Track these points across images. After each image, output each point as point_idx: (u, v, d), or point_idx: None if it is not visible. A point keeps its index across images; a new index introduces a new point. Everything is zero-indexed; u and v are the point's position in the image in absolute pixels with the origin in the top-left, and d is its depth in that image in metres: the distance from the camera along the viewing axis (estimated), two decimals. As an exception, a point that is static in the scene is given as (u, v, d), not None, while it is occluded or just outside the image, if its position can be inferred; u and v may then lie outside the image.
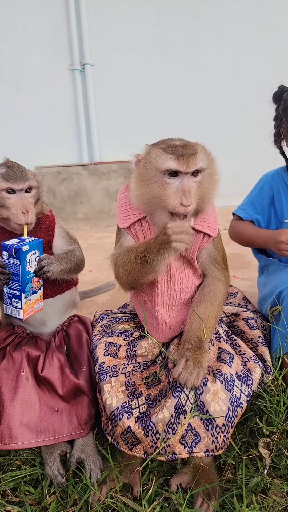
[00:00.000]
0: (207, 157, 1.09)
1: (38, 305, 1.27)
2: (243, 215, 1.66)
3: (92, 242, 3.39)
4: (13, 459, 1.25)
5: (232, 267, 2.51)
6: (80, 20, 4.08)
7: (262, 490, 1.10)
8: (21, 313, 1.20)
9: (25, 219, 1.23)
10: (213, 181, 1.10)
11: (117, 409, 1.11)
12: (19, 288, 1.18)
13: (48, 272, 1.22)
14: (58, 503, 1.13)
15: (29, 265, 1.19)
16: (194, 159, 1.02)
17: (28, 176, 1.27)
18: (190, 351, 1.11)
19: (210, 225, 1.16)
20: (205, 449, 1.06)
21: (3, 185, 1.22)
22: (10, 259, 1.16)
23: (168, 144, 1.06)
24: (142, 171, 1.08)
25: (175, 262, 1.17)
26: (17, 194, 1.24)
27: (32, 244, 1.19)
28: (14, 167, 1.27)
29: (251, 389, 1.13)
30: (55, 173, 4.05)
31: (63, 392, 1.24)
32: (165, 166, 1.03)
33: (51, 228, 1.39)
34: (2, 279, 1.17)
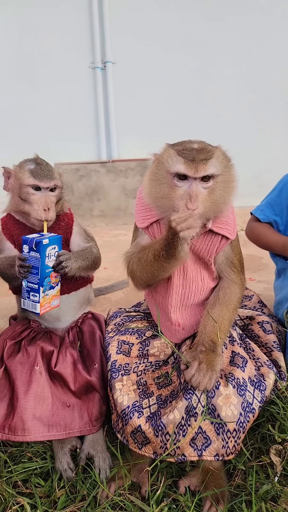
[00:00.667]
0: (223, 164, 1.07)
1: (55, 302, 1.28)
2: (261, 217, 1.63)
3: (107, 239, 3.40)
4: (25, 451, 1.27)
5: (249, 269, 2.48)
6: (103, 19, 4.10)
7: (272, 497, 1.08)
8: (38, 307, 1.22)
9: (46, 216, 1.26)
10: (228, 188, 1.08)
11: (128, 407, 1.11)
12: (37, 281, 1.20)
13: (66, 267, 1.24)
14: (67, 497, 1.15)
15: (48, 259, 1.21)
16: (204, 165, 1.01)
17: (54, 175, 1.29)
18: (203, 354, 1.10)
19: (228, 227, 1.15)
20: (215, 453, 1.05)
21: (30, 181, 1.25)
22: (30, 252, 1.19)
23: (185, 146, 1.05)
24: (155, 171, 1.08)
25: (191, 264, 1.17)
26: (41, 192, 1.27)
27: (52, 239, 1.21)
28: (42, 164, 1.30)
29: (264, 395, 1.12)
30: (73, 170, 4.08)
31: (75, 387, 1.26)
32: (175, 169, 1.03)
33: (69, 225, 1.40)
34: (22, 271, 1.19)
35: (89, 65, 4.25)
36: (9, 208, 1.38)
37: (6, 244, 1.37)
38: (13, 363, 1.24)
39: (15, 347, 1.31)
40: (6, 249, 1.37)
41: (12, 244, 1.37)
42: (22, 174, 1.27)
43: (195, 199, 1.00)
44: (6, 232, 1.37)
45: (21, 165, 1.31)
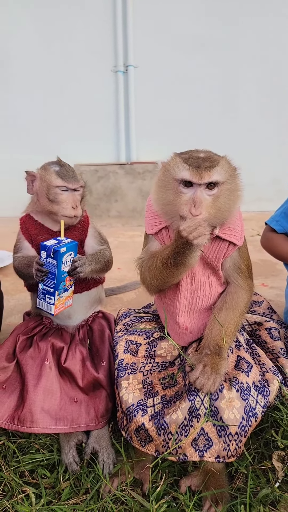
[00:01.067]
0: (228, 172, 1.09)
1: (68, 302, 1.33)
2: (277, 228, 1.60)
3: (123, 240, 3.44)
4: (33, 443, 1.31)
5: (262, 275, 2.47)
6: (126, 24, 4.17)
7: (271, 502, 1.09)
8: (53, 308, 1.27)
9: (75, 212, 1.34)
10: (233, 197, 1.10)
11: (132, 405, 1.14)
12: (53, 286, 1.25)
13: (80, 272, 1.29)
14: (71, 489, 1.18)
15: (64, 265, 1.26)
16: (208, 172, 1.04)
17: (78, 177, 1.37)
18: (208, 357, 1.12)
19: (236, 234, 1.16)
20: (216, 455, 1.07)
21: (59, 182, 1.33)
22: (47, 259, 1.23)
23: (191, 155, 1.08)
24: (162, 178, 1.12)
25: (199, 269, 1.19)
26: (68, 191, 1.34)
27: (69, 246, 1.26)
28: (66, 166, 1.37)
29: (268, 400, 1.13)
30: (92, 171, 4.15)
31: (83, 384, 1.30)
32: (180, 176, 1.06)
33: (85, 227, 1.45)
34: (39, 275, 1.24)
35: (111, 68, 4.32)
36: (29, 209, 1.44)
37: (24, 243, 1.43)
38: (24, 357, 1.29)
39: (27, 342, 1.36)
40: (24, 248, 1.43)
41: (29, 244, 1.42)
42: (49, 176, 1.34)
43: (199, 205, 1.03)
44: (25, 232, 1.42)
45: (45, 168, 1.37)
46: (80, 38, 4.26)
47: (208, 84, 4.37)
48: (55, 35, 4.27)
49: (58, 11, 4.21)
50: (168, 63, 4.30)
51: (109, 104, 4.38)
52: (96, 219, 4.17)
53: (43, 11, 4.23)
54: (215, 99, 4.41)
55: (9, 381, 1.27)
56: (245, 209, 4.57)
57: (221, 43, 4.28)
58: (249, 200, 4.84)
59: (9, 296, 2.15)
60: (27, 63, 4.35)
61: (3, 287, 1.78)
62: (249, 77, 4.38)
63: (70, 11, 4.20)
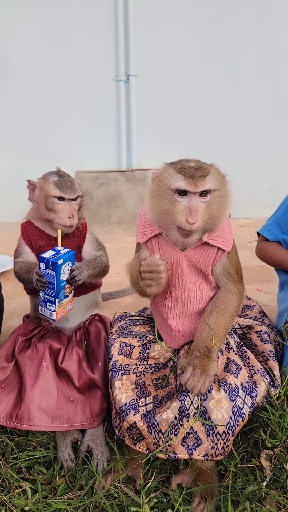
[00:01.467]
0: (219, 180, 1.14)
1: (69, 306, 1.39)
2: (270, 236, 1.65)
3: (123, 246, 3.50)
4: (30, 440, 1.36)
5: (258, 280, 2.52)
6: (127, 35, 4.27)
7: (258, 499, 1.13)
8: (54, 315, 1.33)
9: (71, 222, 1.38)
10: (223, 203, 1.15)
11: (125, 405, 1.19)
12: (53, 294, 1.31)
13: (79, 280, 1.35)
14: (66, 486, 1.23)
15: (63, 275, 1.31)
16: (202, 180, 1.09)
17: (76, 187, 1.42)
18: (198, 359, 1.16)
19: (224, 240, 1.21)
20: (205, 453, 1.11)
21: (56, 192, 1.38)
22: (46, 270, 1.29)
23: (183, 165, 1.13)
24: (156, 188, 1.16)
25: (189, 275, 1.24)
26: (65, 201, 1.39)
27: (66, 256, 1.31)
28: (65, 176, 1.42)
29: (255, 401, 1.17)
30: (93, 178, 4.23)
31: (79, 384, 1.34)
32: (176, 185, 1.11)
33: (83, 234, 1.51)
34: (40, 285, 1.30)
35: (113, 78, 4.42)
36: (30, 215, 1.50)
37: (24, 248, 1.48)
38: (23, 358, 1.35)
39: (26, 343, 1.41)
40: (24, 253, 1.48)
41: (29, 249, 1.48)
42: (47, 186, 1.39)
43: (195, 213, 1.09)
44: (25, 237, 1.48)
45: (45, 178, 1.42)
46: (82, 48, 4.36)
47: (208, 93, 4.46)
48: (58, 45, 4.37)
49: (61, 21, 4.32)
50: (169, 72, 4.39)
51: (111, 112, 4.47)
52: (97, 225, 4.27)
53: (46, 21, 4.34)
54: (216, 107, 4.49)
55: (8, 381, 1.32)
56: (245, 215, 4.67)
57: (222, 52, 4.37)
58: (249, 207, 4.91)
59: (10, 299, 2.21)
60: (30, 72, 4.45)
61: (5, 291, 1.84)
62: (250, 86, 4.46)
63: (73, 21, 4.31)
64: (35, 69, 4.44)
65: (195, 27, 4.31)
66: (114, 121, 4.48)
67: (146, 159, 4.51)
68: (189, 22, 4.30)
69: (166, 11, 4.28)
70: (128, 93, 4.38)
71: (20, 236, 1.50)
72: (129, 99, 4.39)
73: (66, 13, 4.30)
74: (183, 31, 4.31)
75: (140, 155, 4.51)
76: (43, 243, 1.45)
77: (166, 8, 4.27)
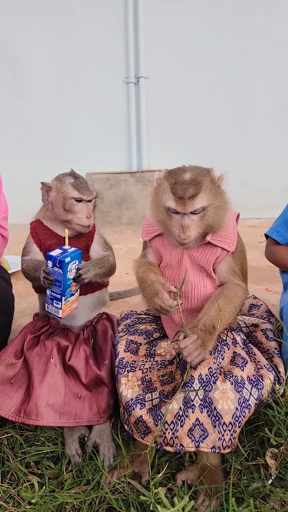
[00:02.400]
0: (212, 193, 1.14)
1: (75, 305, 1.42)
2: (279, 239, 1.61)
3: (133, 246, 3.52)
4: (39, 436, 1.39)
5: (267, 280, 2.50)
6: (137, 37, 4.31)
7: (262, 497, 1.13)
8: (61, 312, 1.36)
9: (89, 222, 1.42)
10: (219, 212, 1.16)
11: (131, 400, 1.20)
12: (60, 292, 1.33)
13: (85, 279, 1.37)
14: (73, 480, 1.25)
15: (70, 273, 1.34)
16: (192, 202, 1.11)
17: (91, 189, 1.45)
18: (202, 332, 1.15)
19: (228, 240, 1.22)
20: (212, 445, 1.11)
21: (75, 194, 1.41)
22: (53, 268, 1.32)
23: (177, 179, 1.14)
24: (154, 198, 1.20)
25: (193, 272, 1.25)
26: (83, 202, 1.42)
27: (73, 255, 1.34)
28: (80, 178, 1.45)
29: (261, 393, 1.17)
30: (104, 179, 4.27)
31: (86, 381, 1.37)
32: (167, 204, 1.15)
33: (92, 234, 1.53)
34: (47, 283, 1.33)
35: (123, 80, 4.46)
36: (40, 215, 1.53)
37: (33, 247, 1.52)
38: (31, 355, 1.38)
39: (34, 340, 1.44)
40: (32, 252, 1.52)
41: (38, 247, 1.51)
42: (65, 187, 1.41)
43: (185, 230, 1.12)
44: (34, 236, 1.51)
45: (60, 180, 1.44)
46: (93, 51, 4.42)
47: (218, 94, 4.45)
48: (69, 49, 4.44)
49: (71, 25, 4.38)
50: (178, 74, 4.41)
51: (121, 114, 4.51)
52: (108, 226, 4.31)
53: (58, 25, 4.41)
54: (226, 108, 4.48)
55: (17, 377, 1.35)
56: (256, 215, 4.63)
57: (232, 53, 4.36)
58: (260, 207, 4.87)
59: (21, 299, 2.25)
60: (43, 77, 4.54)
61: (16, 290, 1.88)
62: (260, 87, 4.43)
63: (83, 25, 4.37)
64: (47, 74, 4.52)
65: (204, 28, 4.31)
66: (124, 122, 4.52)
67: (156, 160, 4.53)
68: (199, 23, 4.31)
69: (176, 13, 4.30)
70: (138, 95, 4.42)
71: (29, 234, 1.53)
72: (139, 101, 4.42)
73: (76, 18, 4.37)
74: (192, 32, 4.33)
75: (150, 156, 4.54)
76: (52, 243, 1.48)
77: (175, 10, 4.29)
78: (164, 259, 1.31)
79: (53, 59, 4.48)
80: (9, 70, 4.56)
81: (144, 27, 4.29)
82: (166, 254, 1.29)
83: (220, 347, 1.25)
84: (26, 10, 4.40)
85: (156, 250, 1.32)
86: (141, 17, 4.26)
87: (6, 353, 1.39)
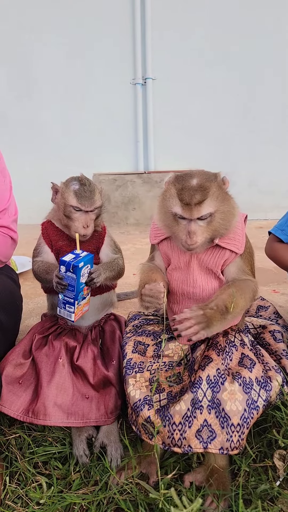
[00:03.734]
0: (219, 199, 1.13)
1: (86, 307, 1.43)
2: (283, 237, 1.60)
3: (140, 247, 3.52)
4: (47, 436, 1.39)
5: (274, 281, 2.49)
6: (145, 39, 4.32)
7: (270, 499, 1.12)
8: (73, 316, 1.37)
9: (85, 231, 1.40)
10: (227, 218, 1.15)
11: (139, 400, 1.20)
12: (73, 297, 1.34)
13: (97, 283, 1.38)
14: (81, 481, 1.26)
15: (82, 277, 1.35)
16: (198, 208, 1.10)
17: (95, 198, 1.41)
18: (212, 311, 1.12)
19: (236, 243, 1.22)
20: (220, 447, 1.10)
21: (74, 202, 1.38)
22: (67, 273, 1.32)
23: (184, 185, 1.13)
24: (162, 203, 1.20)
25: (200, 275, 1.26)
26: (82, 211, 1.40)
27: (86, 259, 1.34)
28: (86, 185, 1.40)
29: (269, 394, 1.16)
30: (111, 180, 4.28)
31: (93, 381, 1.37)
32: (174, 210, 1.14)
33: (102, 236, 1.53)
34: (60, 288, 1.33)
35: (130, 81, 4.47)
36: (50, 216, 1.53)
37: (44, 248, 1.52)
38: (39, 355, 1.38)
39: (42, 340, 1.45)
40: (44, 253, 1.52)
41: (49, 248, 1.51)
42: (67, 194, 1.39)
43: (192, 236, 1.12)
44: (46, 237, 1.51)
45: (67, 184, 1.42)
46: (100, 52, 4.44)
47: (226, 95, 4.44)
48: (76, 50, 4.47)
49: (79, 27, 4.41)
50: (186, 75, 4.41)
51: (128, 115, 4.52)
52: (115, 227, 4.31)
53: (66, 27, 4.45)
54: (233, 109, 4.47)
55: (25, 377, 1.36)
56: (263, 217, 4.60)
57: (240, 53, 4.35)
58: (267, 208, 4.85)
59: (29, 299, 2.26)
60: (51, 79, 4.57)
61: (23, 291, 1.89)
62: (268, 87, 4.42)
63: (91, 27, 4.40)
64: (55, 76, 4.56)
65: (212, 28, 4.31)
66: (132, 123, 4.53)
67: (163, 161, 4.53)
68: (206, 23, 4.31)
69: (183, 13, 4.30)
70: (145, 96, 4.43)
71: (41, 235, 1.53)
72: (146, 102, 4.43)
73: (84, 20, 4.40)
74: (199, 33, 4.32)
75: (157, 158, 4.55)
76: (63, 244, 1.48)
77: (182, 11, 4.30)
78: (172, 262, 1.31)
79: (61, 61, 4.51)
80: (18, 71, 4.60)
81: (151, 29, 4.30)
82: (174, 257, 1.30)
83: (228, 348, 1.25)
84: (35, 14, 4.44)
85: (164, 253, 1.32)
86: (148, 19, 4.28)
87: (15, 353, 1.40)
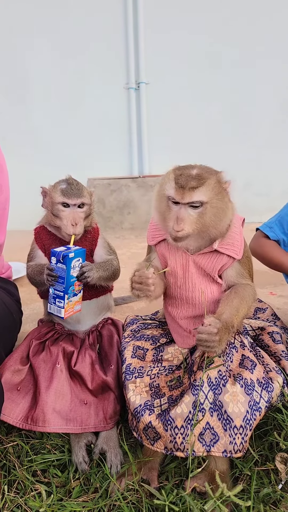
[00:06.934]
0: (215, 191, 1.12)
1: (77, 307, 1.41)
2: (271, 234, 1.62)
3: (135, 251, 3.52)
4: (45, 443, 1.37)
5: (271, 284, 2.50)
6: (137, 42, 4.34)
7: (273, 502, 1.11)
8: (63, 312, 1.35)
9: (73, 230, 1.38)
10: (218, 214, 1.13)
11: (139, 406, 1.19)
12: (63, 289, 1.33)
13: (88, 277, 1.36)
14: (81, 488, 1.23)
15: (73, 270, 1.34)
16: (191, 192, 1.09)
17: (83, 194, 1.41)
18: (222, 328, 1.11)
19: (234, 248, 1.21)
20: (223, 449, 1.09)
21: (60, 199, 1.39)
22: (57, 264, 1.32)
23: (183, 172, 1.13)
24: (159, 189, 1.20)
25: (199, 279, 1.25)
26: (70, 208, 1.40)
27: (77, 252, 1.34)
28: (73, 184, 1.42)
29: (271, 396, 1.16)
30: (105, 185, 4.28)
31: (92, 386, 1.36)
32: (167, 193, 1.13)
33: (95, 238, 1.53)
34: (50, 280, 1.32)
35: (123, 85, 4.49)
36: (43, 221, 1.53)
37: (37, 252, 1.51)
38: (37, 361, 1.37)
39: (39, 346, 1.43)
40: (37, 257, 1.51)
41: (43, 253, 1.51)
42: (54, 193, 1.40)
43: (180, 222, 1.10)
44: (39, 241, 1.51)
45: (54, 185, 1.44)
46: (93, 57, 4.45)
47: (220, 99, 4.47)
48: (70, 55, 4.48)
49: (72, 31, 4.42)
50: (179, 79, 4.43)
51: (122, 119, 4.53)
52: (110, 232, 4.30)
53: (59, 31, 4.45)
54: (228, 113, 4.50)
55: (23, 383, 1.34)
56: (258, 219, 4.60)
57: (233, 57, 4.38)
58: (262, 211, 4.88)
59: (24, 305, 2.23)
60: (44, 83, 4.57)
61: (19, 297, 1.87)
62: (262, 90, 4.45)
63: (83, 31, 4.41)
64: (49, 80, 4.56)
65: (205, 32, 4.34)
66: (126, 128, 4.54)
67: (157, 165, 4.55)
68: (199, 28, 4.34)
69: (176, 18, 4.33)
70: (139, 100, 4.44)
71: (34, 240, 1.52)
72: (140, 106, 4.45)
73: (77, 24, 4.40)
74: (193, 37, 4.35)
75: (151, 162, 4.56)
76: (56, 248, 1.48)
77: (175, 15, 4.32)
78: (169, 264, 1.30)
79: (54, 65, 4.51)
80: (10, 76, 4.59)
81: (144, 33, 4.32)
82: (171, 259, 1.29)
83: (229, 349, 1.24)
84: (28, 16, 4.44)
85: (161, 255, 1.31)
86: (141, 24, 4.30)
87: (12, 359, 1.38)
